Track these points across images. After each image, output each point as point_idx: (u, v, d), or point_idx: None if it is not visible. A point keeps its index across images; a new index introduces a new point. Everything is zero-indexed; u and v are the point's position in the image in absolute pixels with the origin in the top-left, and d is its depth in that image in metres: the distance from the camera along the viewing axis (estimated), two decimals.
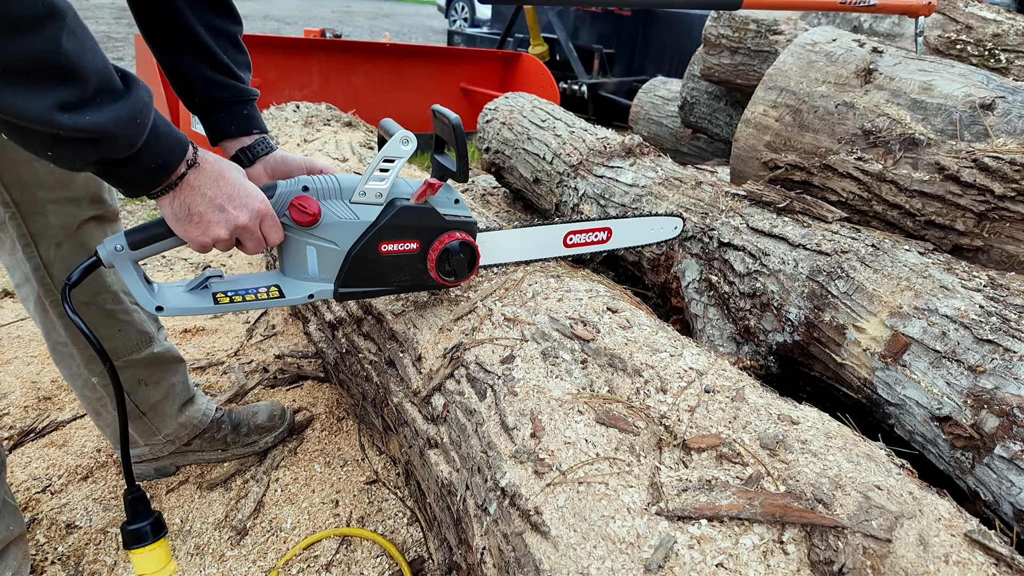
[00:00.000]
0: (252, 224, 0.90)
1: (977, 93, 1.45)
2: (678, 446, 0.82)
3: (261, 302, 1.03)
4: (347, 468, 1.63)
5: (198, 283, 1.00)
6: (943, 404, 1.13)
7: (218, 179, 0.87)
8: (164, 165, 0.81)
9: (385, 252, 1.06)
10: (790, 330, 1.46)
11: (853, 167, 1.56)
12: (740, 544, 0.69)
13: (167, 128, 0.80)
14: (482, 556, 0.85)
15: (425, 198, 1.06)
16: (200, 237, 0.88)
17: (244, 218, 0.89)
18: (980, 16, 2.38)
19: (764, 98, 1.75)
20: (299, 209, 0.96)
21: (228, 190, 0.88)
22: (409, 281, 1.13)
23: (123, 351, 1.33)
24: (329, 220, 1.00)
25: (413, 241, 1.08)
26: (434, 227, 1.09)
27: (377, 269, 1.07)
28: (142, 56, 3.70)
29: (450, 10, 11.05)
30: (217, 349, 2.15)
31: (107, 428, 1.44)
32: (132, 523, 0.95)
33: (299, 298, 1.05)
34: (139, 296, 0.95)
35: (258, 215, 0.91)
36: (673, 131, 4.02)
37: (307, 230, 1.00)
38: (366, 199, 1.02)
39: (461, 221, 1.11)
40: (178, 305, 0.99)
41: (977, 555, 0.70)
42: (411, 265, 1.10)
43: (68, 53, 0.64)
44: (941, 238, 1.46)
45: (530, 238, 1.31)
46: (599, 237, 1.40)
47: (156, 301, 0.97)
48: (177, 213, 0.86)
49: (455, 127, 1.00)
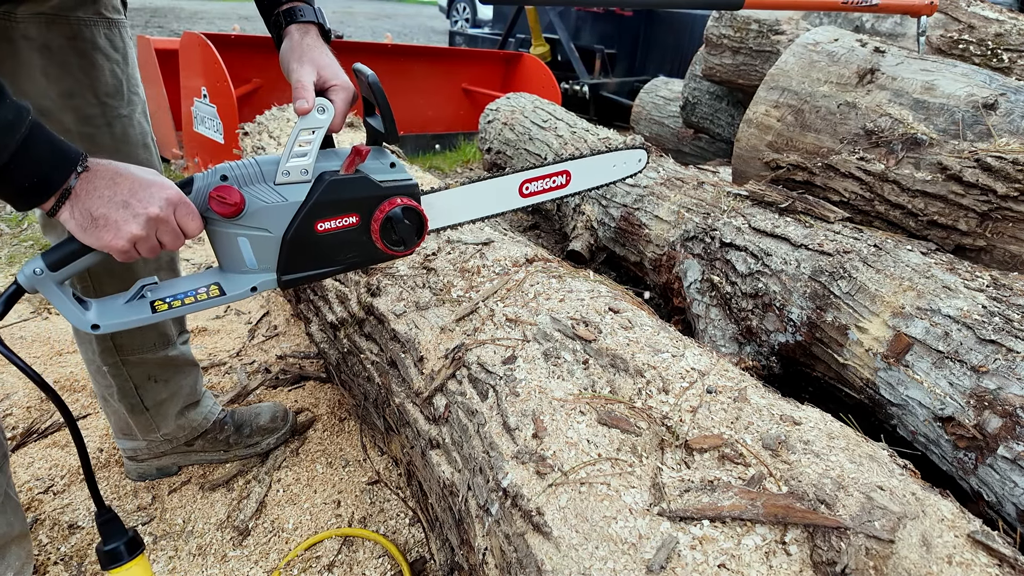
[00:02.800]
0: (165, 214, 0.84)
1: (980, 93, 1.45)
2: (680, 447, 0.82)
3: (202, 303, 0.98)
4: (349, 469, 1.63)
5: (133, 294, 0.96)
6: (946, 404, 1.13)
7: (114, 177, 0.82)
8: (44, 182, 0.77)
9: (324, 231, 0.99)
10: (792, 330, 1.45)
11: (855, 167, 1.56)
12: (742, 545, 0.68)
13: (50, 145, 0.77)
14: (484, 557, 0.85)
15: (355, 167, 0.98)
16: (114, 241, 0.81)
17: (155, 209, 0.82)
18: (982, 16, 2.37)
19: (766, 98, 1.75)
20: (219, 201, 0.89)
21: (129, 185, 0.82)
22: (357, 257, 1.05)
23: (139, 348, 1.36)
24: (255, 207, 0.93)
25: (351, 215, 1.00)
26: (371, 196, 1.00)
27: (319, 250, 1.00)
28: (144, 58, 3.71)
29: (451, 11, 11.06)
30: (219, 350, 2.15)
31: (112, 416, 1.47)
32: (107, 544, 0.94)
33: (241, 293, 0.99)
34: (70, 316, 0.90)
35: (169, 203, 0.84)
36: (675, 131, 4.02)
37: (233, 221, 0.93)
38: (291, 178, 0.95)
39: (400, 185, 1.03)
40: (115, 320, 0.94)
41: (980, 556, 0.70)
42: (355, 240, 1.03)
43: None
44: (944, 238, 1.46)
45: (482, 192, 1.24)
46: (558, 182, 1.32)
47: (90, 319, 0.92)
48: (81, 223, 0.80)
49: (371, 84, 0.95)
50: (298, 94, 0.94)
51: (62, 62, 1.05)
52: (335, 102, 0.96)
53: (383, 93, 0.96)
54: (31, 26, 1.01)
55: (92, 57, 1.09)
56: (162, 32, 9.02)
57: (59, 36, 1.04)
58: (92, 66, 1.09)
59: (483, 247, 1.41)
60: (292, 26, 1.02)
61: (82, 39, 1.07)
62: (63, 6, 1.03)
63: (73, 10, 1.05)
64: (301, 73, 0.96)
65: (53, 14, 1.02)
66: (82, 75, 1.08)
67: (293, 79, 0.96)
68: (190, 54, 3.42)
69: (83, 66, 1.08)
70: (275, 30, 1.05)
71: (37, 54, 1.02)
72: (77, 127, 1.09)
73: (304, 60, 0.98)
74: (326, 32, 1.05)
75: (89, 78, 1.09)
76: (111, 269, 1.26)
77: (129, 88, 1.17)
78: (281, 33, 1.03)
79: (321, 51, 1.01)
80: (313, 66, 0.98)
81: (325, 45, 1.04)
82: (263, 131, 2.41)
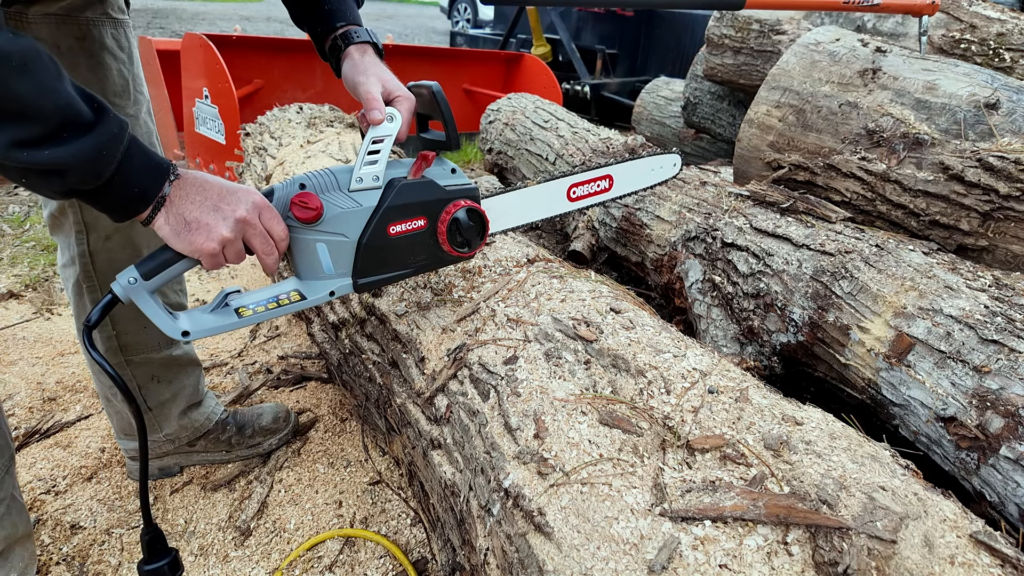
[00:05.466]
0: (251, 216, 0.88)
1: (981, 92, 1.44)
2: (682, 447, 0.82)
3: (284, 308, 1.02)
4: (350, 469, 1.63)
5: (218, 303, 1.00)
6: (948, 405, 1.13)
7: (203, 184, 0.86)
8: (143, 193, 0.81)
9: (395, 234, 1.03)
10: (794, 331, 1.45)
11: (857, 167, 1.56)
12: (744, 545, 0.68)
13: (144, 157, 0.80)
14: (485, 557, 0.85)
15: (422, 172, 1.04)
16: (205, 243, 0.85)
17: (242, 211, 0.87)
18: (984, 15, 2.37)
19: (767, 98, 1.75)
20: (300, 206, 0.94)
21: (217, 191, 0.87)
22: (425, 260, 1.10)
23: (143, 348, 1.37)
24: (332, 213, 0.98)
25: (420, 218, 1.05)
26: (437, 199, 1.06)
27: (391, 253, 1.05)
28: (146, 59, 3.71)
29: (453, 11, 11.06)
30: (221, 350, 2.16)
31: (115, 416, 1.47)
32: (150, 562, 0.95)
33: (321, 297, 1.03)
34: (162, 325, 0.94)
35: (255, 207, 0.89)
36: (676, 131, 4.01)
37: (313, 227, 0.98)
38: (364, 185, 1.00)
39: (462, 189, 1.08)
40: (203, 327, 0.98)
41: (982, 556, 0.70)
42: (423, 243, 1.07)
43: (20, 93, 0.67)
44: (945, 238, 1.45)
45: (533, 197, 1.28)
46: (602, 186, 1.37)
47: (181, 327, 0.96)
48: (175, 227, 0.84)
49: (435, 93, 0.99)
50: (370, 105, 0.99)
51: (71, 62, 1.06)
52: (401, 112, 1.02)
53: (447, 102, 1.01)
54: (42, 27, 1.02)
55: (100, 57, 1.10)
56: (163, 33, 9.03)
57: (68, 36, 1.05)
58: (100, 66, 1.11)
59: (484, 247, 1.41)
60: (351, 47, 1.08)
61: (90, 39, 1.08)
62: (72, 6, 1.04)
63: (82, 10, 1.06)
64: (369, 86, 1.02)
65: (63, 15, 1.04)
66: (91, 75, 1.10)
67: (362, 92, 1.02)
68: (192, 55, 3.42)
69: (91, 66, 1.10)
70: (333, 53, 1.11)
71: None
72: None
73: (369, 75, 1.04)
74: (380, 50, 1.12)
75: (97, 78, 1.11)
76: (117, 268, 1.26)
77: (135, 87, 1.19)
78: (341, 56, 1.09)
79: (381, 67, 1.08)
80: (378, 80, 1.04)
81: (381, 62, 1.10)
82: (264, 132, 2.41)
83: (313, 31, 1.13)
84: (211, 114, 3.35)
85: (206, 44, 3.24)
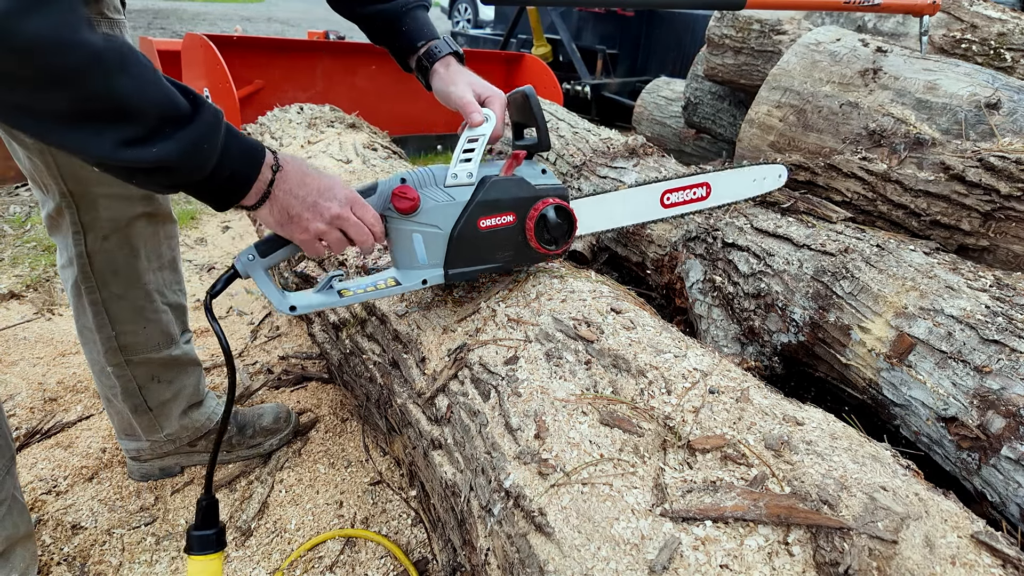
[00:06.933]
0: (344, 211, 0.95)
1: (982, 92, 1.44)
2: (683, 447, 0.82)
3: (380, 291, 1.09)
4: (351, 469, 1.63)
5: (323, 285, 1.09)
6: (949, 405, 1.13)
7: (303, 178, 0.92)
8: (244, 180, 0.85)
9: (485, 228, 1.08)
10: (795, 331, 1.45)
11: (858, 167, 1.56)
12: (745, 545, 0.68)
13: (239, 143, 0.83)
14: (486, 557, 0.85)
15: (512, 170, 1.08)
16: (303, 235, 0.94)
17: (336, 207, 0.94)
18: (985, 15, 2.37)
19: (768, 98, 1.75)
20: (400, 197, 1.01)
21: (316, 186, 0.93)
22: (512, 255, 1.14)
23: (143, 348, 1.36)
24: (428, 205, 1.04)
25: (509, 213, 1.09)
26: (527, 197, 1.10)
27: (481, 247, 1.10)
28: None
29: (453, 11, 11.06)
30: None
31: (116, 416, 1.46)
32: (200, 528, 0.98)
33: (414, 284, 1.10)
34: (273, 298, 1.03)
35: (347, 201, 0.96)
36: (677, 131, 4.01)
37: (410, 218, 1.04)
38: (458, 181, 1.05)
39: (552, 188, 1.12)
40: (308, 303, 1.07)
41: (984, 557, 0.70)
42: (512, 238, 1.12)
43: (122, 93, 0.67)
44: (946, 238, 1.45)
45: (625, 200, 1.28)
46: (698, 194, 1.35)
47: (289, 302, 1.05)
48: (279, 219, 0.92)
49: (528, 97, 1.04)
50: (467, 110, 1.07)
51: None
52: (494, 111, 1.09)
53: (539, 105, 1.06)
54: None
55: None
56: (164, 33, 9.04)
57: None
58: None
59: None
60: (436, 64, 1.14)
61: None
62: None
63: None
64: (462, 93, 1.10)
65: None
66: None
67: (455, 100, 1.10)
68: (192, 55, 3.43)
69: None
70: (420, 72, 1.18)
71: None
72: None
73: (459, 83, 1.11)
74: (460, 57, 1.17)
75: None
76: (115, 269, 1.27)
77: None
78: (428, 75, 1.16)
79: (467, 73, 1.14)
80: (468, 86, 1.11)
81: (465, 67, 1.16)
82: (265, 132, 2.41)
83: (392, 48, 1.20)
84: None
85: (207, 44, 3.24)
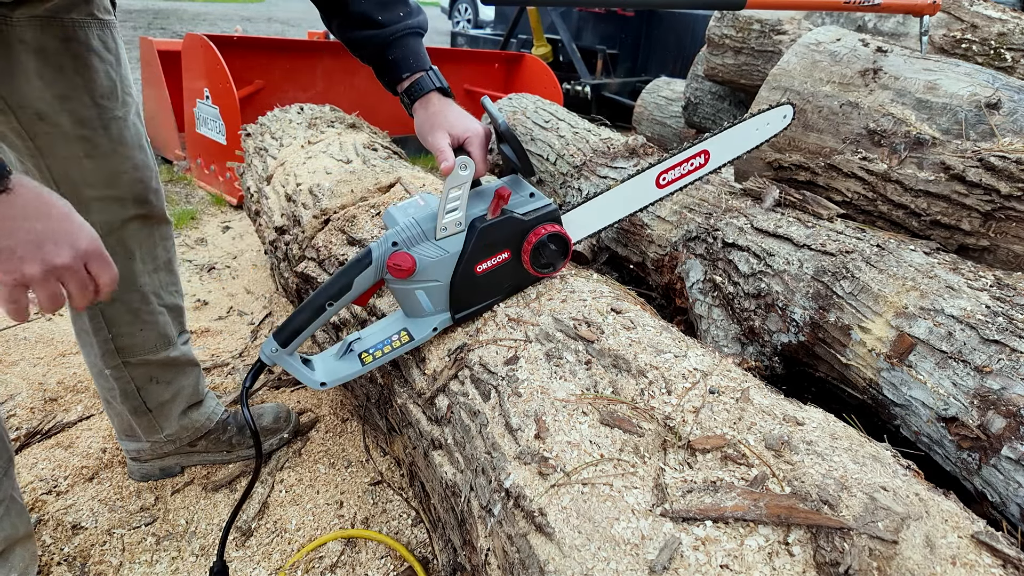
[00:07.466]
0: (75, 263, 0.78)
1: (983, 92, 1.44)
2: (683, 447, 0.82)
3: (397, 350, 1.13)
4: (351, 469, 1.63)
5: (343, 349, 1.12)
6: (949, 405, 1.13)
7: (42, 209, 0.76)
8: None
9: (482, 271, 1.10)
10: (795, 331, 1.45)
11: (858, 167, 1.56)
12: (745, 545, 0.68)
13: None
14: (486, 557, 0.85)
15: (500, 209, 1.08)
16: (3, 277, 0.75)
17: (67, 256, 0.77)
18: (985, 15, 2.37)
19: (768, 98, 1.74)
20: (396, 268, 1.03)
21: (53, 227, 0.77)
22: (512, 284, 1.16)
23: (140, 350, 1.36)
24: (424, 264, 1.06)
25: (503, 252, 1.11)
26: (518, 232, 1.10)
27: (481, 287, 1.12)
28: (147, 60, 3.72)
29: (453, 11, 11.07)
30: (222, 350, 2.16)
31: (116, 417, 1.47)
32: None
33: (426, 335, 1.13)
34: (303, 380, 1.10)
35: (83, 255, 0.79)
36: (677, 131, 4.01)
37: (409, 280, 1.06)
38: (448, 232, 1.06)
39: (542, 214, 1.11)
40: (336, 376, 1.11)
41: (984, 557, 0.70)
42: (509, 271, 1.13)
43: None
44: (947, 238, 1.45)
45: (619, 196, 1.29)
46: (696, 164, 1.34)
47: (319, 378, 1.10)
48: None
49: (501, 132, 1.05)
50: (440, 158, 1.04)
51: (57, 65, 1.04)
52: (472, 153, 1.06)
53: (512, 135, 1.07)
54: (27, 29, 0.99)
55: (87, 59, 1.08)
56: (164, 33, 9.04)
57: (53, 38, 1.03)
58: (87, 68, 1.08)
59: None
60: (415, 105, 1.12)
61: (76, 41, 1.06)
62: (58, 8, 1.02)
63: (67, 12, 1.03)
64: (435, 139, 1.07)
65: (48, 16, 1.01)
66: (77, 77, 1.07)
67: (430, 146, 1.08)
68: (192, 55, 3.43)
69: (78, 68, 1.07)
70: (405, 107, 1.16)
71: (33, 57, 1.01)
72: (74, 130, 1.09)
73: (435, 127, 1.08)
74: (445, 91, 1.14)
75: (84, 80, 1.08)
76: None
77: (123, 89, 1.16)
78: (411, 111, 1.14)
79: (446, 112, 1.11)
80: (443, 130, 1.08)
81: (449, 101, 1.13)
82: (265, 132, 2.41)
83: (382, 79, 1.18)
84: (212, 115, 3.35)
85: (207, 45, 3.24)
